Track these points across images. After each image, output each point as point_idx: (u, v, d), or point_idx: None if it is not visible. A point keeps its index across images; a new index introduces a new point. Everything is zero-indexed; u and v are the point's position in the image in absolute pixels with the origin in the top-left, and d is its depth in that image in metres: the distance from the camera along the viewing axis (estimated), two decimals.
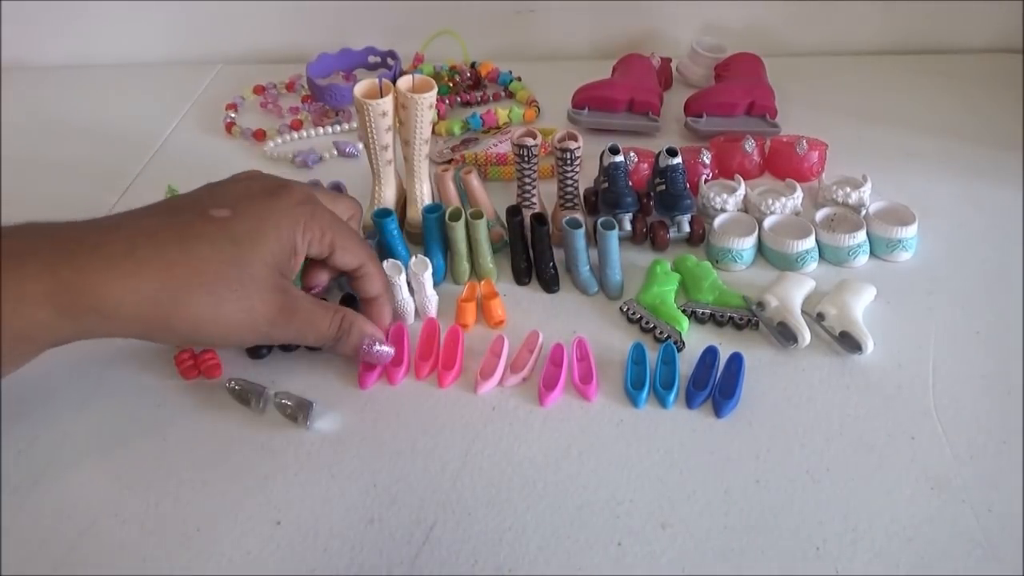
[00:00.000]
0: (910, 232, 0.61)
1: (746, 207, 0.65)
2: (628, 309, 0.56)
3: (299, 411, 0.48)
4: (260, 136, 0.80)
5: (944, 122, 0.80)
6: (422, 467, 0.46)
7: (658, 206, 0.64)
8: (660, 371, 0.51)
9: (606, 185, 0.63)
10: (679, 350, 0.53)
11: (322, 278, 0.52)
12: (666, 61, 0.87)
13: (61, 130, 0.83)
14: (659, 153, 0.64)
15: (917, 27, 0.95)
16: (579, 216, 0.61)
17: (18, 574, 0.41)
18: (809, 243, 0.60)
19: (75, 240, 0.41)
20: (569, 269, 0.60)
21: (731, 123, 0.77)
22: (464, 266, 0.59)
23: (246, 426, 0.49)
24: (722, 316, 0.55)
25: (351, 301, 0.56)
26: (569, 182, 0.61)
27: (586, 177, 0.67)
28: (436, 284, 0.57)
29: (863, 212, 0.63)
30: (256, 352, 0.53)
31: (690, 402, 0.49)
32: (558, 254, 0.61)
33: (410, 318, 0.56)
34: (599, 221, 0.58)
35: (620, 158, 0.63)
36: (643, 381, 0.50)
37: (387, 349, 0.50)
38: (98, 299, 0.39)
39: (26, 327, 0.39)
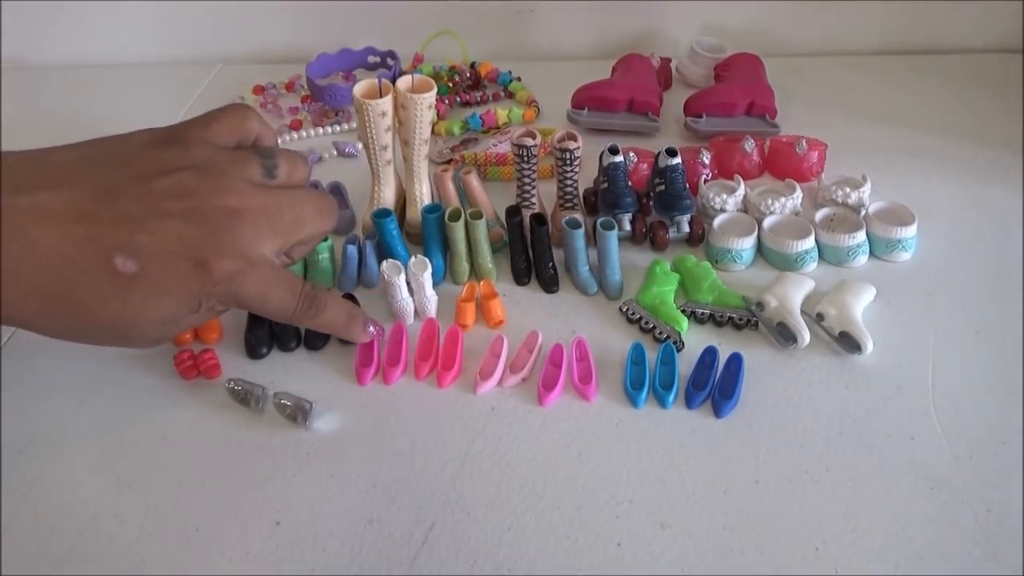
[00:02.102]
0: (910, 232, 0.61)
1: (746, 207, 0.65)
2: (627, 309, 0.56)
3: (298, 411, 0.48)
4: None
5: (944, 122, 0.80)
6: (421, 467, 0.46)
7: (658, 206, 0.64)
8: (659, 371, 0.51)
9: (606, 185, 0.63)
10: (678, 350, 0.53)
11: None
12: (666, 61, 0.87)
13: (61, 130, 0.82)
14: (659, 153, 0.64)
15: (917, 27, 0.95)
16: (579, 216, 0.61)
17: (18, 574, 0.41)
18: (809, 243, 0.60)
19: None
20: (568, 269, 0.60)
21: (731, 123, 0.77)
22: (463, 266, 0.59)
23: (245, 426, 0.49)
24: (721, 316, 0.55)
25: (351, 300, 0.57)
26: (569, 182, 0.61)
27: (586, 177, 0.67)
28: (435, 284, 0.57)
29: (863, 212, 0.63)
30: (256, 352, 0.53)
31: (689, 402, 0.49)
32: (557, 254, 0.61)
33: (409, 318, 0.56)
34: (599, 221, 0.58)
35: (619, 158, 0.63)
36: (642, 381, 0.50)
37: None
38: None
39: None
